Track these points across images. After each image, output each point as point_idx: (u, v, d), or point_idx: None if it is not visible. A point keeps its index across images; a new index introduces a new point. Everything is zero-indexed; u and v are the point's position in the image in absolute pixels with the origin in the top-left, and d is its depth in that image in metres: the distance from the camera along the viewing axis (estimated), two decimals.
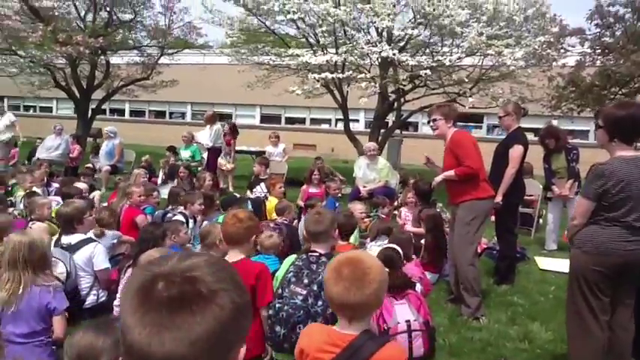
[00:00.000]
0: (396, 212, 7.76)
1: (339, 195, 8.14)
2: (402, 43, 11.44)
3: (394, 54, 9.58)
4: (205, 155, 11.22)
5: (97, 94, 16.73)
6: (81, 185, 7.60)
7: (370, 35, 10.92)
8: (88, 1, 15.63)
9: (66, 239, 4.47)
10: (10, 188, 7.88)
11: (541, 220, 8.51)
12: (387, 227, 5.79)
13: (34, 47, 14.07)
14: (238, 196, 6.88)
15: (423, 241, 5.89)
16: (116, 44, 16.12)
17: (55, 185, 8.46)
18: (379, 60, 10.82)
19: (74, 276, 4.29)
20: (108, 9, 15.93)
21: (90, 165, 11.51)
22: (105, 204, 7.03)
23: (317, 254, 3.54)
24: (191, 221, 6.26)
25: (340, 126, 18.45)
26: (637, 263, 3.41)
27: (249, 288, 3.58)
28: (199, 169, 11.22)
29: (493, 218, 6.11)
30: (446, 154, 5.04)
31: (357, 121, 19.91)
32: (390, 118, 14.55)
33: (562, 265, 5.94)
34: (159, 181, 10.38)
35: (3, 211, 5.53)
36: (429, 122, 5.19)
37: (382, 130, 12.98)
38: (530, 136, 6.19)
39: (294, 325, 3.32)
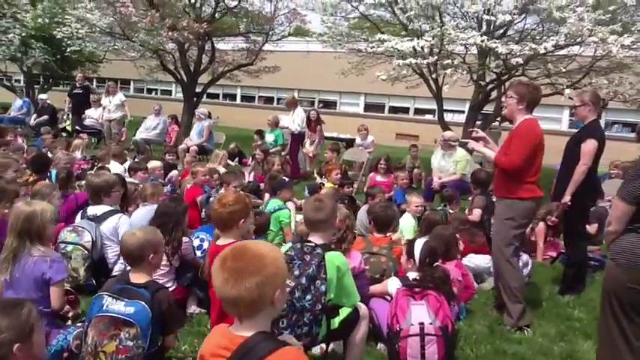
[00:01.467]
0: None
1: (408, 186, 7.75)
2: (500, 31, 10.73)
3: (482, 40, 8.91)
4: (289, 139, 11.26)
5: (203, 79, 17.37)
6: (155, 163, 7.89)
7: (462, 21, 10.28)
8: None
9: (92, 210, 4.61)
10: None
11: None
12: (436, 221, 5.39)
13: (145, 33, 14.89)
14: (286, 179, 6.77)
15: None
16: (222, 30, 16.64)
17: None
18: (469, 47, 10.21)
19: (100, 245, 4.42)
20: None
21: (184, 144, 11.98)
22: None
23: (312, 244, 3.31)
24: None
25: (456, 118, 17.92)
26: None
27: None
28: (282, 153, 11.33)
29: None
30: (507, 139, 4.58)
31: (463, 112, 19.03)
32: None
33: None
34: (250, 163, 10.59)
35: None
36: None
37: (478, 122, 12.27)
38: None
39: (277, 319, 3.11)
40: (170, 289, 4.00)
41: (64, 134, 12.81)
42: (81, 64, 22.04)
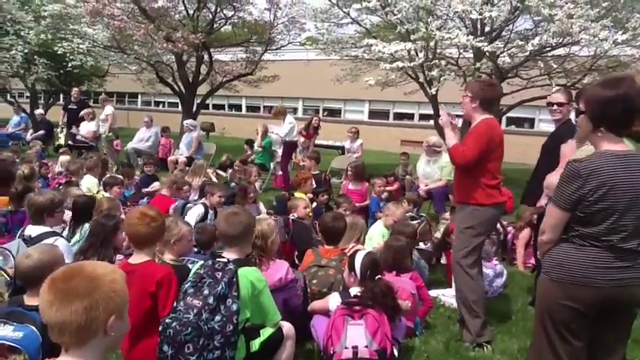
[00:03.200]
0: None
1: (385, 194, 7.45)
2: (494, 33, 10.42)
3: (467, 40, 8.60)
4: (280, 150, 11.03)
5: (203, 90, 17.28)
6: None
7: (451, 22, 10.00)
8: None
9: (28, 230, 4.36)
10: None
11: None
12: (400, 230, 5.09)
13: (139, 45, 14.86)
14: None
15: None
16: (221, 40, 16.56)
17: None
18: (463, 50, 9.92)
19: None
20: (213, 6, 16.36)
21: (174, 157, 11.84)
22: None
23: (225, 260, 3.05)
24: (211, 212, 6.11)
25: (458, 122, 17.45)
26: (623, 298, 2.52)
27: (149, 295, 3.20)
28: (273, 163, 11.12)
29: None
30: (465, 137, 4.28)
31: (462, 116, 18.64)
32: None
33: None
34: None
35: None
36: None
37: None
38: None
39: (182, 345, 2.85)
40: None
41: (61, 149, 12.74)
42: (87, 78, 22.19)
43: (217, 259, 3.07)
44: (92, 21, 15.46)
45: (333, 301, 3.72)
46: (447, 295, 4.94)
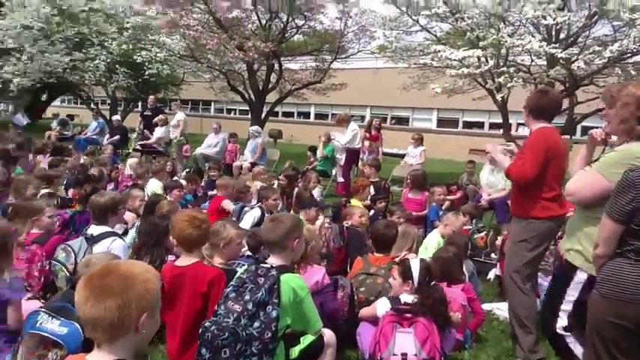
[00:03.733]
0: None
1: (446, 203, 7.27)
2: (570, 39, 10.01)
3: (540, 46, 8.28)
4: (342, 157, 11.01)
5: (271, 98, 17.59)
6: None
7: (519, 28, 9.68)
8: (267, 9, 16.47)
9: (90, 230, 4.55)
10: None
11: None
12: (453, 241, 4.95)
13: (212, 53, 15.34)
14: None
15: None
16: (291, 49, 16.84)
17: None
18: (536, 57, 9.56)
19: None
20: (285, 16, 16.63)
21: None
22: None
23: (268, 266, 3.05)
24: (267, 216, 6.16)
25: (522, 131, 16.86)
26: None
27: (200, 296, 3.25)
28: (334, 170, 11.12)
29: None
30: (519, 151, 4.13)
31: None
32: None
33: None
34: None
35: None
36: None
37: None
38: None
39: (219, 349, 2.87)
40: None
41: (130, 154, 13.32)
42: (163, 86, 23.13)
43: (261, 265, 3.08)
44: (170, 31, 16.15)
45: (381, 306, 3.67)
46: (501, 309, 4.75)
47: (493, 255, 6.08)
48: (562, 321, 3.37)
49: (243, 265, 3.94)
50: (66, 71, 18.08)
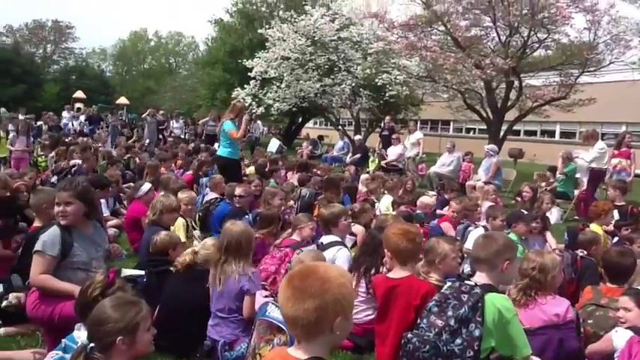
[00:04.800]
0: None
1: None
2: None
3: None
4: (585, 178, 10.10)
5: (510, 116, 16.93)
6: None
7: None
8: (506, 25, 15.98)
9: (322, 238, 5.03)
10: None
11: None
12: None
13: (449, 73, 15.42)
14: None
15: None
16: (531, 65, 16.05)
17: None
18: None
19: None
20: (526, 30, 15.92)
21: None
22: None
23: (472, 284, 3.02)
24: None
25: None
26: None
27: (413, 309, 3.35)
28: (576, 191, 10.25)
29: None
30: None
31: None
32: None
33: None
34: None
35: None
36: None
37: None
38: None
39: None
40: (367, 318, 4.13)
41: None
42: (403, 107, 23.92)
43: (465, 282, 3.08)
44: (409, 54, 16.71)
45: (619, 337, 3.32)
46: None
47: None
48: None
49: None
50: (317, 95, 20.03)
